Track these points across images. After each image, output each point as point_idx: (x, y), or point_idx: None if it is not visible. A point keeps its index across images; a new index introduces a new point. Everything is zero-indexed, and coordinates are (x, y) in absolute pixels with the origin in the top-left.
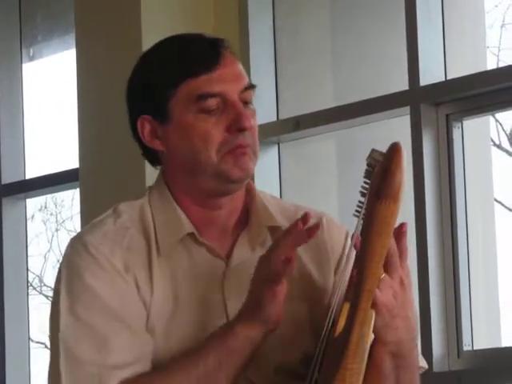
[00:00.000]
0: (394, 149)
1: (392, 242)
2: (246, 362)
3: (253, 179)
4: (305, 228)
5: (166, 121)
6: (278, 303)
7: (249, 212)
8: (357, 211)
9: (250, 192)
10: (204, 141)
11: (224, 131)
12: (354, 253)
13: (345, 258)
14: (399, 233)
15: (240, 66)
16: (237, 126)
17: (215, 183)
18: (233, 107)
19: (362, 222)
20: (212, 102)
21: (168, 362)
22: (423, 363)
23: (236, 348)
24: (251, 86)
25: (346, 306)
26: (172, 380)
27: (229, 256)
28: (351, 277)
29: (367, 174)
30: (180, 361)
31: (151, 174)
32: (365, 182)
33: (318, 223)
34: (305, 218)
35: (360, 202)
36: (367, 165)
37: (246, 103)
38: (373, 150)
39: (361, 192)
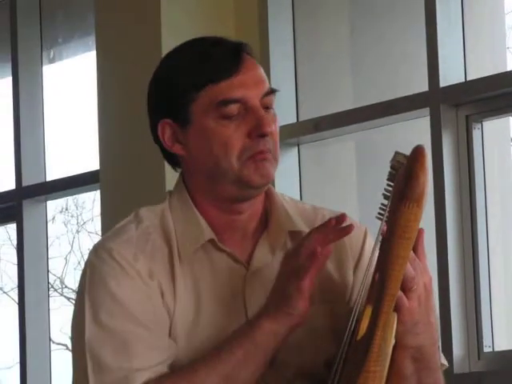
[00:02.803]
0: (418, 152)
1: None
2: (269, 359)
3: (273, 181)
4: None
5: (187, 125)
6: (304, 298)
7: (268, 215)
8: (380, 213)
9: (269, 195)
10: (225, 147)
11: (245, 137)
12: (376, 255)
13: (364, 256)
14: (417, 236)
15: (261, 71)
16: (258, 132)
17: (236, 189)
18: (254, 113)
19: (384, 224)
20: (233, 108)
21: (195, 359)
22: (444, 361)
23: (261, 343)
24: (272, 91)
25: (369, 309)
26: (197, 377)
27: (249, 261)
28: (373, 280)
29: (390, 177)
30: (204, 357)
31: (171, 175)
32: (388, 185)
33: (352, 224)
34: (340, 218)
35: (383, 204)
36: (391, 167)
37: (267, 108)
38: (396, 153)
39: (384, 194)
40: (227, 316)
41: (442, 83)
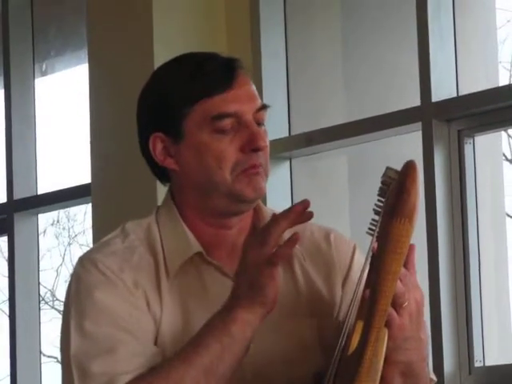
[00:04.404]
0: (409, 167)
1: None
2: (245, 349)
3: (265, 195)
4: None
5: (180, 139)
6: (276, 285)
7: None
8: (370, 229)
9: (257, 210)
10: (218, 160)
11: (238, 151)
12: (367, 271)
13: (353, 270)
14: (408, 251)
15: (253, 87)
16: (251, 146)
17: (228, 203)
18: (247, 127)
19: (375, 240)
20: (227, 122)
21: (171, 356)
22: (433, 376)
23: (237, 334)
24: (264, 107)
25: (360, 324)
26: (176, 373)
27: None
28: (364, 295)
29: (381, 192)
30: (181, 353)
31: (163, 188)
32: (379, 200)
33: (311, 212)
34: (305, 203)
35: (374, 220)
36: (382, 183)
37: (259, 124)
38: (387, 168)
39: (374, 210)
40: None
41: (434, 98)
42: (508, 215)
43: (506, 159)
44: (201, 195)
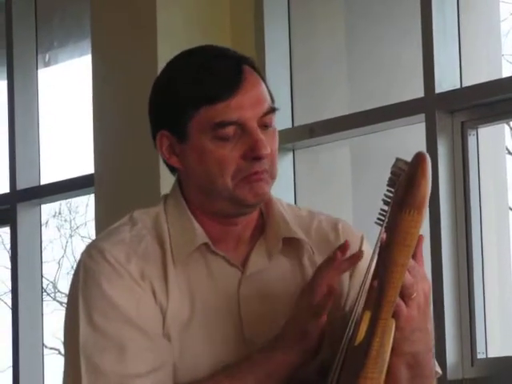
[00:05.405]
0: (420, 158)
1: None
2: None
3: None
4: (345, 256)
5: (184, 140)
6: (321, 333)
7: (265, 220)
8: (379, 219)
9: (266, 201)
10: (220, 166)
11: (240, 158)
12: (375, 260)
13: (360, 261)
14: (417, 242)
15: (262, 88)
16: (253, 155)
17: (230, 206)
18: (250, 135)
19: (384, 230)
20: (229, 130)
21: (202, 379)
22: (438, 369)
23: (274, 373)
24: (272, 110)
25: (367, 315)
26: None
27: (244, 265)
28: (371, 286)
29: (391, 183)
30: (212, 379)
31: (166, 179)
32: (388, 191)
33: (360, 251)
34: (343, 247)
35: (383, 210)
36: (391, 173)
37: (266, 126)
38: (397, 159)
39: (384, 200)
40: (221, 317)
41: (438, 89)
42: (511, 208)
43: (509, 153)
44: (204, 196)
